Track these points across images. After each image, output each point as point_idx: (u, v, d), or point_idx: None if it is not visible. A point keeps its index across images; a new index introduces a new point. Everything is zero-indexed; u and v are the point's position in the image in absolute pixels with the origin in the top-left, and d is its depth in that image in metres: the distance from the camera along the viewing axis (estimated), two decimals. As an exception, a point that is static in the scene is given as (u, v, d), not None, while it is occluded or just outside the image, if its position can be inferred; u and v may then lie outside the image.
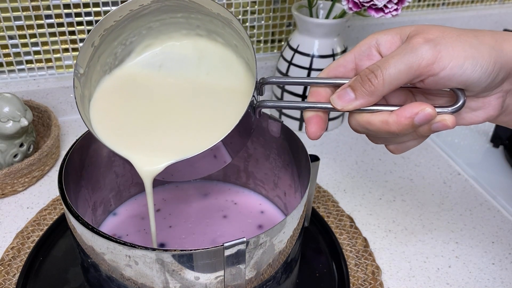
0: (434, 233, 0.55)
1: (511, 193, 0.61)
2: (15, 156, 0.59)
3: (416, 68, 0.32)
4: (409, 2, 0.58)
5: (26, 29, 0.66)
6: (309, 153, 0.41)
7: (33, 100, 0.68)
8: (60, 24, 0.67)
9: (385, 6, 0.57)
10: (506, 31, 0.35)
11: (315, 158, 0.42)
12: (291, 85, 0.69)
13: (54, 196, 0.58)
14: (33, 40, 0.68)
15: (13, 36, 0.66)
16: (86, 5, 0.67)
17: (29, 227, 0.52)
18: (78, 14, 0.67)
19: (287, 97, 0.71)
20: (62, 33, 0.68)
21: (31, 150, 0.61)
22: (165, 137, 0.39)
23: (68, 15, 0.67)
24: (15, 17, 0.65)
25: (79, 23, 0.68)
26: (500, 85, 0.34)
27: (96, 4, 0.67)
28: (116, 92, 0.41)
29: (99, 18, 0.68)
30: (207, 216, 0.52)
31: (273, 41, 0.81)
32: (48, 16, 0.66)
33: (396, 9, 0.57)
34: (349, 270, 0.49)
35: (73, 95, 0.37)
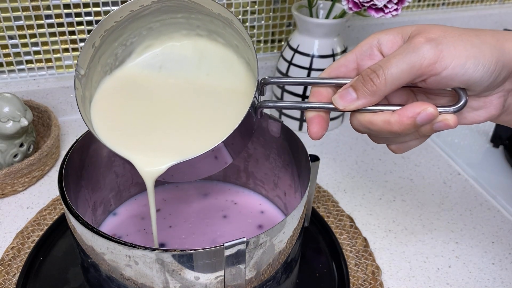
0: (434, 233, 0.55)
1: (511, 193, 0.61)
2: (15, 156, 0.59)
3: (418, 67, 0.32)
4: (409, 2, 0.58)
5: (26, 29, 0.66)
6: (309, 153, 0.41)
7: (33, 100, 0.68)
8: (60, 24, 0.68)
9: (385, 6, 0.57)
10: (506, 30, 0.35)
11: (315, 158, 0.42)
12: (291, 86, 0.69)
13: (54, 196, 0.58)
14: (33, 40, 0.68)
15: (13, 36, 0.66)
16: (86, 5, 0.67)
17: (29, 227, 0.52)
18: (78, 14, 0.67)
19: (287, 98, 0.71)
20: (62, 33, 0.68)
21: (31, 150, 0.61)
22: (167, 138, 0.39)
23: (68, 15, 0.67)
24: (15, 17, 0.65)
25: (79, 23, 0.68)
26: (502, 84, 0.34)
27: (96, 4, 0.67)
28: (117, 93, 0.41)
29: (99, 18, 0.69)
30: (207, 216, 0.52)
31: (273, 41, 0.81)
32: (48, 16, 0.66)
33: (396, 9, 0.57)
34: (349, 270, 0.49)
35: (73, 95, 0.37)
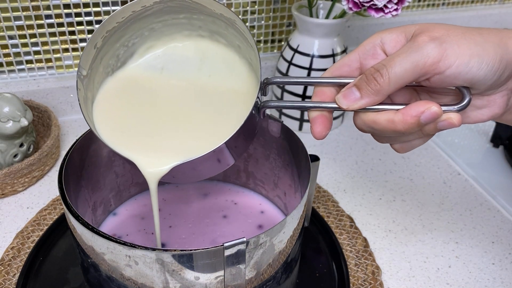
0: (434, 233, 0.55)
1: (511, 193, 0.61)
2: (15, 156, 0.59)
3: (421, 66, 0.31)
4: (409, 2, 0.58)
5: (26, 29, 0.66)
6: (309, 153, 0.41)
7: (33, 100, 0.68)
8: (60, 24, 0.68)
9: (385, 6, 0.57)
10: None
11: (315, 158, 0.42)
12: (291, 85, 0.69)
13: (54, 196, 0.58)
14: (33, 40, 0.68)
15: (13, 36, 0.66)
16: (86, 5, 0.67)
17: (29, 227, 0.52)
18: (78, 14, 0.67)
19: (287, 97, 0.71)
20: (62, 33, 0.68)
21: (31, 150, 0.61)
22: (169, 139, 0.38)
23: (68, 15, 0.67)
24: (15, 17, 0.65)
25: (79, 23, 0.68)
26: (505, 83, 0.34)
27: (96, 4, 0.67)
28: (119, 94, 0.41)
29: (99, 18, 0.69)
30: (207, 216, 0.52)
31: (273, 41, 0.81)
32: (48, 16, 0.66)
33: (396, 9, 0.57)
34: (349, 270, 0.49)
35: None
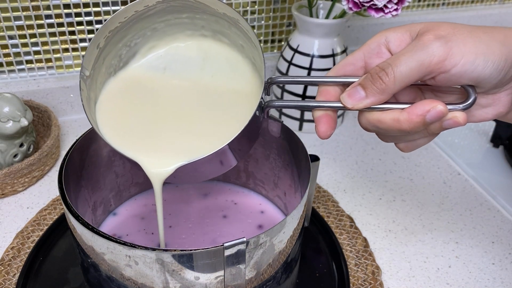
0: (434, 233, 0.55)
1: (511, 193, 0.61)
2: (15, 156, 0.59)
3: (427, 65, 0.31)
4: (409, 2, 0.58)
5: (26, 29, 0.66)
6: (309, 153, 0.41)
7: (33, 100, 0.68)
8: (60, 24, 0.67)
9: (385, 6, 0.57)
10: None
11: (315, 158, 0.42)
12: (291, 85, 0.69)
13: (54, 196, 0.58)
14: (33, 40, 0.68)
15: (13, 36, 0.66)
16: (86, 5, 0.67)
17: (29, 227, 0.52)
18: (78, 14, 0.67)
19: (287, 97, 0.71)
20: (62, 33, 0.68)
21: (31, 150, 0.61)
22: (173, 140, 0.38)
23: (68, 15, 0.67)
24: (15, 17, 0.65)
25: (79, 23, 0.68)
26: (511, 81, 0.34)
27: (96, 4, 0.67)
28: (122, 95, 0.41)
29: (99, 18, 0.69)
30: (207, 216, 0.52)
31: (273, 41, 0.81)
32: (48, 16, 0.66)
33: (396, 9, 0.57)
34: (349, 270, 0.49)
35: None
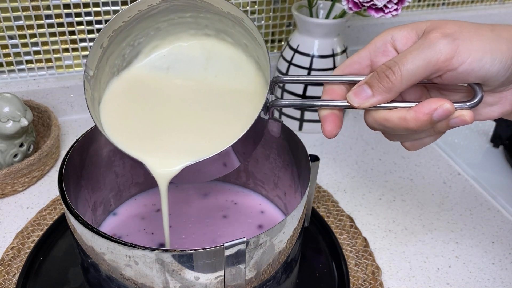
0: (434, 233, 0.55)
1: (511, 193, 0.61)
2: (15, 156, 0.59)
3: (434, 63, 0.31)
4: (409, 2, 0.58)
5: (26, 29, 0.66)
6: (309, 153, 0.41)
7: (33, 100, 0.68)
8: (60, 24, 0.68)
9: (385, 6, 0.57)
10: None
11: (315, 158, 0.42)
12: (291, 85, 0.69)
13: (54, 196, 0.58)
14: (33, 40, 0.68)
15: (13, 36, 0.66)
16: (86, 5, 0.67)
17: (29, 227, 0.52)
18: (78, 14, 0.67)
19: (287, 97, 0.71)
20: (62, 33, 0.68)
21: (31, 150, 0.61)
22: (178, 140, 0.38)
23: (68, 15, 0.67)
24: (15, 17, 0.65)
25: (79, 23, 0.68)
26: None
27: (96, 4, 0.67)
28: (125, 95, 0.41)
29: (99, 18, 0.69)
30: (207, 216, 0.52)
31: (273, 41, 0.81)
32: (48, 16, 0.66)
33: (396, 9, 0.57)
34: (349, 270, 0.49)
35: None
